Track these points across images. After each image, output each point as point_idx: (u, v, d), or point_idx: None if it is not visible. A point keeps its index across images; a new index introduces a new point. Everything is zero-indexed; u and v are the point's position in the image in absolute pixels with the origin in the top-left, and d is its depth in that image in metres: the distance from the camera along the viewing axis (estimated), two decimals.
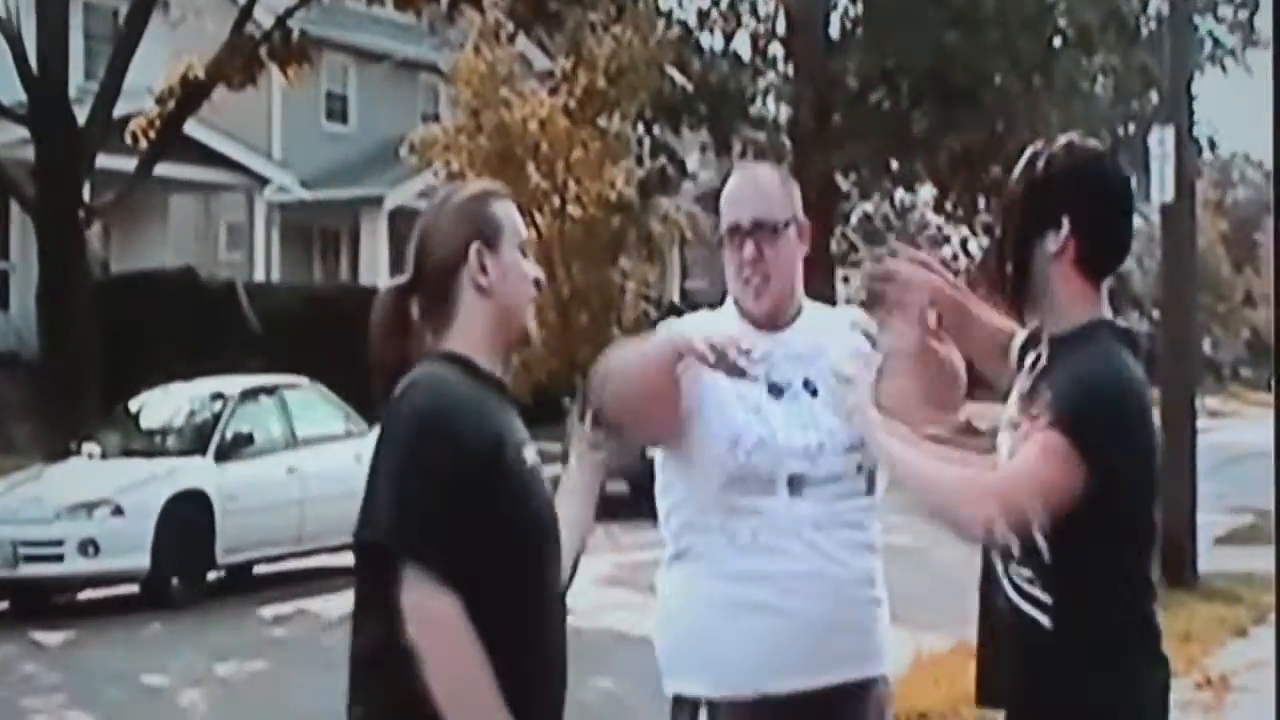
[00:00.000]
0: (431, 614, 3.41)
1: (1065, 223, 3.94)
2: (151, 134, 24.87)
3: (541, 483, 3.73)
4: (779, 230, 4.44)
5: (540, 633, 3.66)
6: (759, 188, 4.54)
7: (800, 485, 4.32)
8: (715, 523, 4.32)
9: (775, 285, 4.47)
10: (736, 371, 4.04)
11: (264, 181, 35.97)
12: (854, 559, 4.39)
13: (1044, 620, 4.02)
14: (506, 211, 3.82)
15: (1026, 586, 4.06)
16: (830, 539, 4.34)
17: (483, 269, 3.70)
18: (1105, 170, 4.09)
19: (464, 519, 3.49)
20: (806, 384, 4.44)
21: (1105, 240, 4.03)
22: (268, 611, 16.03)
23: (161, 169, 26.17)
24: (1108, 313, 4.08)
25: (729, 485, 4.29)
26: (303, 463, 18.02)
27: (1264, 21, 52.48)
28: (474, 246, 3.69)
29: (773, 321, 4.49)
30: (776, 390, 4.40)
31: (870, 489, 4.45)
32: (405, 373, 3.68)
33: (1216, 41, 53.35)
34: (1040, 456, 3.83)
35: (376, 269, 37.68)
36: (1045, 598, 4.02)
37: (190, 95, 24.83)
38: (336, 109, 40.22)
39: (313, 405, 19.21)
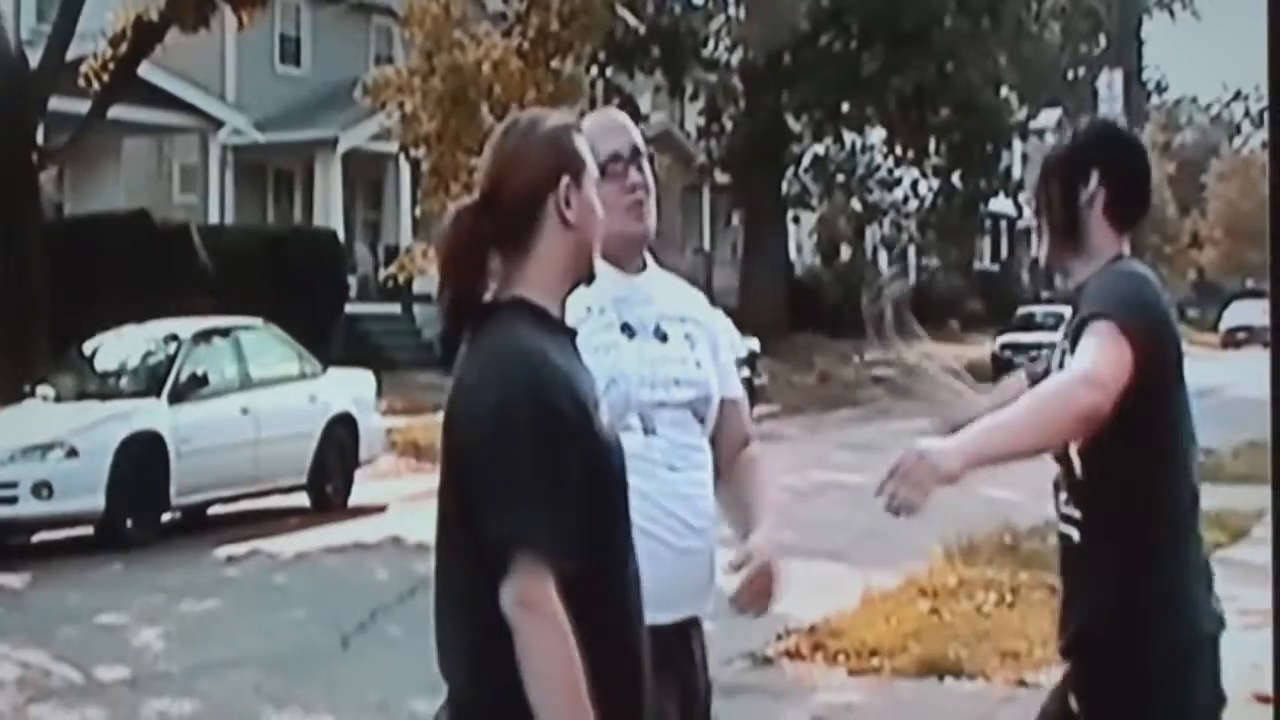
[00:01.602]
0: (540, 607, 3.35)
1: (1094, 175, 4.48)
2: (105, 76, 24.75)
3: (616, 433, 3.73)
4: (649, 159, 4.63)
5: (628, 593, 3.65)
6: (623, 123, 4.66)
7: (652, 424, 4.44)
8: None
9: (651, 208, 4.61)
10: None
11: (218, 124, 35.90)
12: (703, 498, 4.50)
13: (1075, 535, 4.45)
14: (586, 146, 3.79)
15: (1064, 509, 4.51)
16: (682, 477, 4.45)
17: (568, 201, 3.66)
18: (1123, 134, 4.75)
19: (576, 496, 3.46)
20: (657, 329, 4.55)
21: (1127, 190, 4.56)
22: (222, 552, 16.12)
23: (115, 112, 26.09)
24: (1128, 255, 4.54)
25: None
26: (257, 404, 18.11)
27: None
28: (564, 178, 3.65)
29: (633, 261, 4.60)
30: (629, 331, 4.51)
31: (705, 436, 4.58)
32: (477, 299, 3.63)
33: None
34: (1097, 341, 4.15)
35: (330, 211, 37.70)
36: (1077, 514, 4.44)
37: (143, 37, 24.72)
38: (290, 51, 40.11)
39: (267, 346, 19.29)
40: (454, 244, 3.60)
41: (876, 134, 48.57)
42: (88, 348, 19.17)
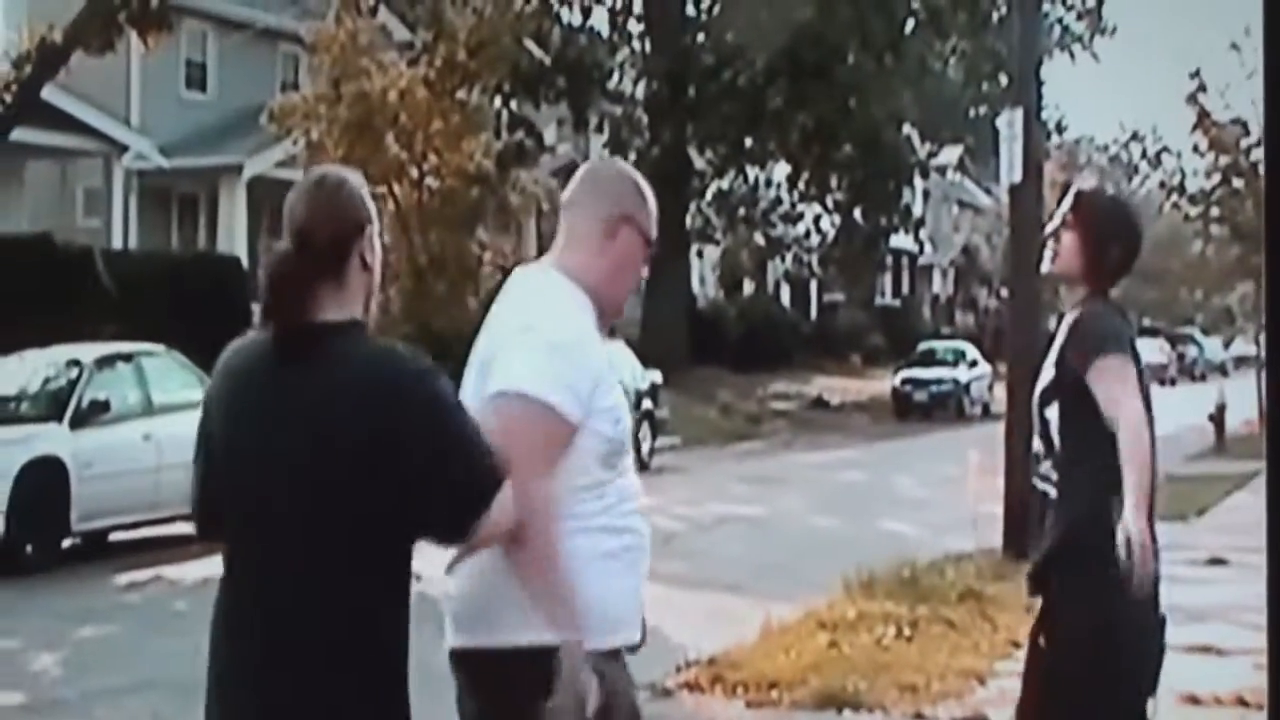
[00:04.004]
0: (535, 500, 4.03)
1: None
2: (7, 99, 24.65)
3: None
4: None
5: None
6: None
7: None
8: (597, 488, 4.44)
9: None
10: None
11: (122, 148, 35.74)
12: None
13: (1052, 491, 5.73)
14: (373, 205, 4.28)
15: (1044, 471, 5.81)
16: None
17: (370, 247, 4.20)
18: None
19: None
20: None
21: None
22: (123, 578, 16.06)
23: (18, 134, 25.99)
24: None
25: (611, 455, 4.46)
26: (159, 430, 18.00)
27: (1111, 11, 53.24)
28: (367, 229, 4.16)
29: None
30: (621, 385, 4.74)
31: None
32: (309, 322, 4.02)
33: (1065, 28, 54.25)
34: (1122, 384, 5.52)
35: (234, 237, 37.57)
36: (1054, 475, 5.72)
37: (47, 60, 24.64)
38: (196, 76, 39.96)
39: (170, 372, 19.19)
40: (278, 280, 3.99)
41: (780, 169, 48.81)
42: None
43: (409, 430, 3.79)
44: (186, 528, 16.26)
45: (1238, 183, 39.26)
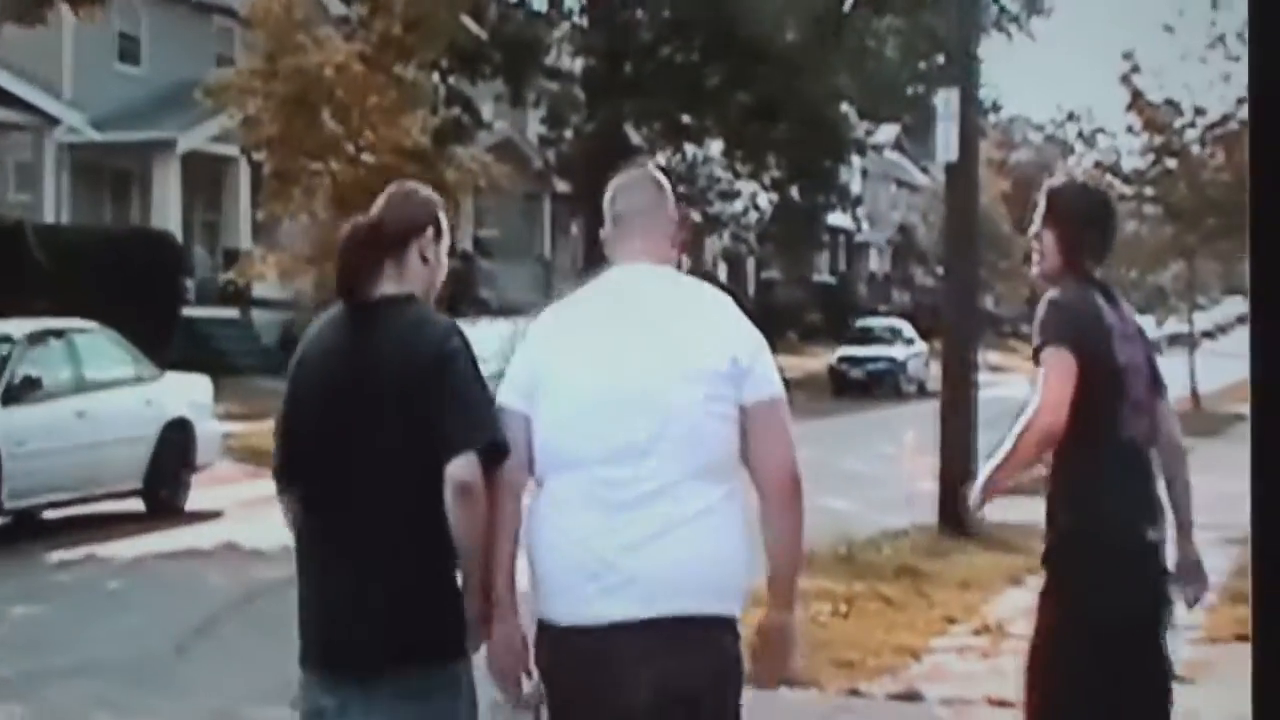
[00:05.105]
0: (479, 486, 4.69)
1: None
2: None
3: None
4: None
5: None
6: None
7: None
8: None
9: None
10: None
11: (54, 122, 35.45)
12: None
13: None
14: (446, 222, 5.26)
15: None
16: None
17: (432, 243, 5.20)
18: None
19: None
20: None
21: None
22: (55, 557, 15.94)
23: None
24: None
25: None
26: (92, 407, 17.88)
27: None
28: (428, 230, 5.13)
29: None
30: None
31: None
32: (372, 291, 5.05)
33: (1002, 8, 54.48)
34: (1044, 376, 5.66)
35: (168, 213, 37.37)
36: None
37: None
38: (129, 50, 39.66)
39: (102, 349, 19.05)
40: (350, 260, 5.00)
41: (717, 146, 48.86)
42: None
43: (427, 379, 4.75)
44: (119, 506, 16.22)
45: (1171, 163, 39.51)
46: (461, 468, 4.65)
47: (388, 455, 4.79)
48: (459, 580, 4.80)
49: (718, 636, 4.76)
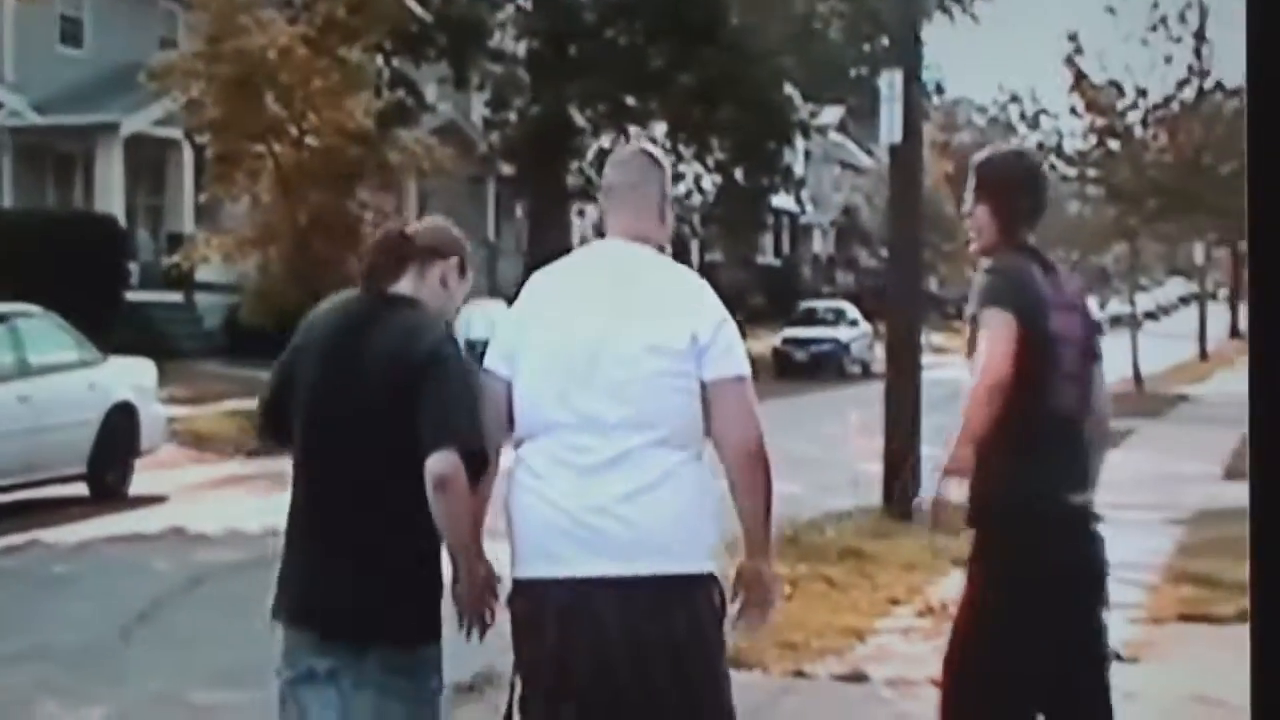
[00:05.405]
0: (460, 479, 4.97)
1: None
2: None
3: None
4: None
5: None
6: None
7: None
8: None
9: None
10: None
11: None
12: None
13: None
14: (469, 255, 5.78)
15: None
16: None
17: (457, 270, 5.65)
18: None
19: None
20: None
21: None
22: None
23: None
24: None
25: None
26: (35, 392, 17.79)
27: None
28: (453, 258, 5.58)
29: None
30: None
31: None
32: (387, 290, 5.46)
33: None
34: (987, 335, 5.71)
35: (111, 196, 37.16)
36: None
37: None
38: (71, 32, 39.34)
39: (45, 333, 18.95)
40: (380, 258, 5.41)
41: (660, 128, 48.86)
42: None
43: (417, 380, 5.05)
44: (64, 490, 16.11)
45: (1113, 144, 39.65)
46: (438, 462, 4.94)
47: (378, 437, 5.12)
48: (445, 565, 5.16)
49: (692, 591, 5.05)
